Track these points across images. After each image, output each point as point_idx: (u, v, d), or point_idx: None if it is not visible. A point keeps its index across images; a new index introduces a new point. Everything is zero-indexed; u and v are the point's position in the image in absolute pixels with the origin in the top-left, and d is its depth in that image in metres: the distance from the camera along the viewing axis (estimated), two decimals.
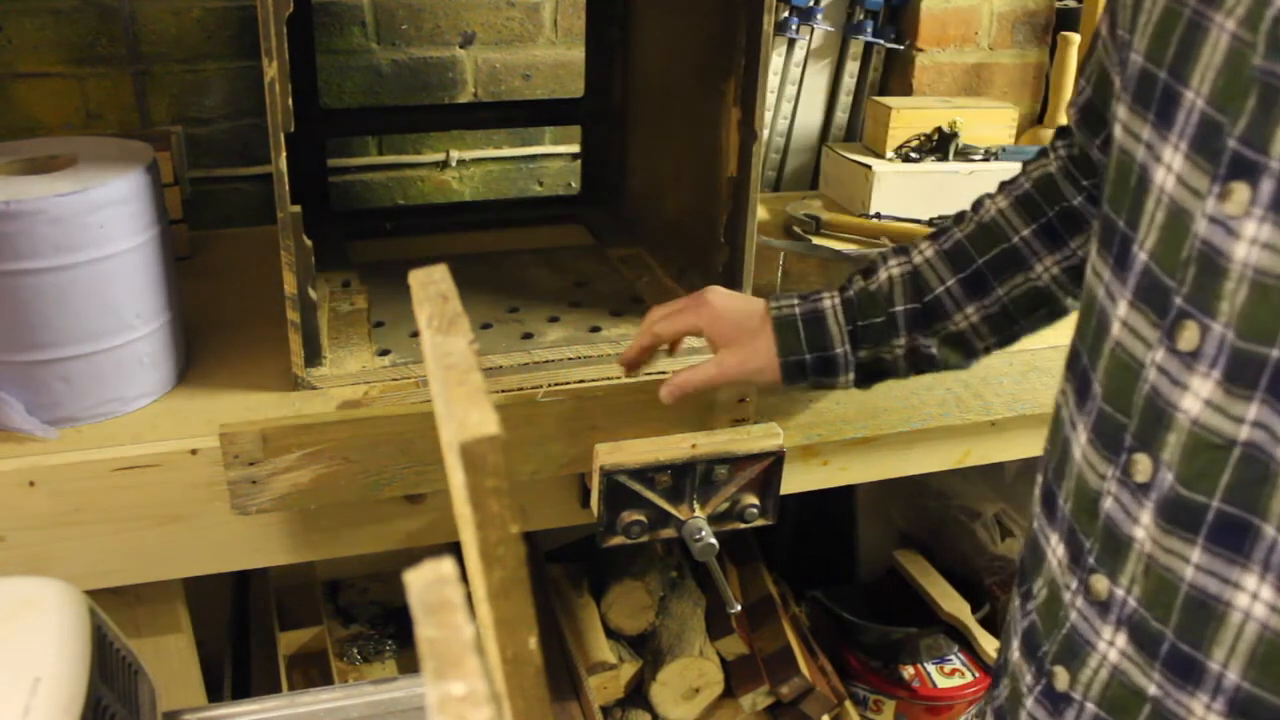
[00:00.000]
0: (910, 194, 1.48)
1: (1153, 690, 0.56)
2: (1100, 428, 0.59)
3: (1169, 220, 0.53)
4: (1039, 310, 0.85)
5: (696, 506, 0.99)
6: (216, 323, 1.14)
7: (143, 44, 1.41)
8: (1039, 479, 0.69)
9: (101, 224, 0.90)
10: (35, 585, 0.67)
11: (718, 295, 0.91)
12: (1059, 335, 1.14)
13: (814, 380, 0.87)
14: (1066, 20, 1.69)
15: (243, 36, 1.44)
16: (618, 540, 1.00)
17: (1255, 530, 0.50)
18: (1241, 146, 0.49)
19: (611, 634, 1.43)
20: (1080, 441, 0.61)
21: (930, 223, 1.44)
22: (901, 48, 1.66)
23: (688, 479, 0.98)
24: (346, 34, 1.50)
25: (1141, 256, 0.56)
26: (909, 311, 0.85)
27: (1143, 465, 0.55)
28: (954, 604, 1.51)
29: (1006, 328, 0.86)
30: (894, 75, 1.71)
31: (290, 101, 0.89)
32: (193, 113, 1.46)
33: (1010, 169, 1.52)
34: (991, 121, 1.49)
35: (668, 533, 1.01)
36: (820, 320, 0.86)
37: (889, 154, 1.49)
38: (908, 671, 1.48)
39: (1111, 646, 0.59)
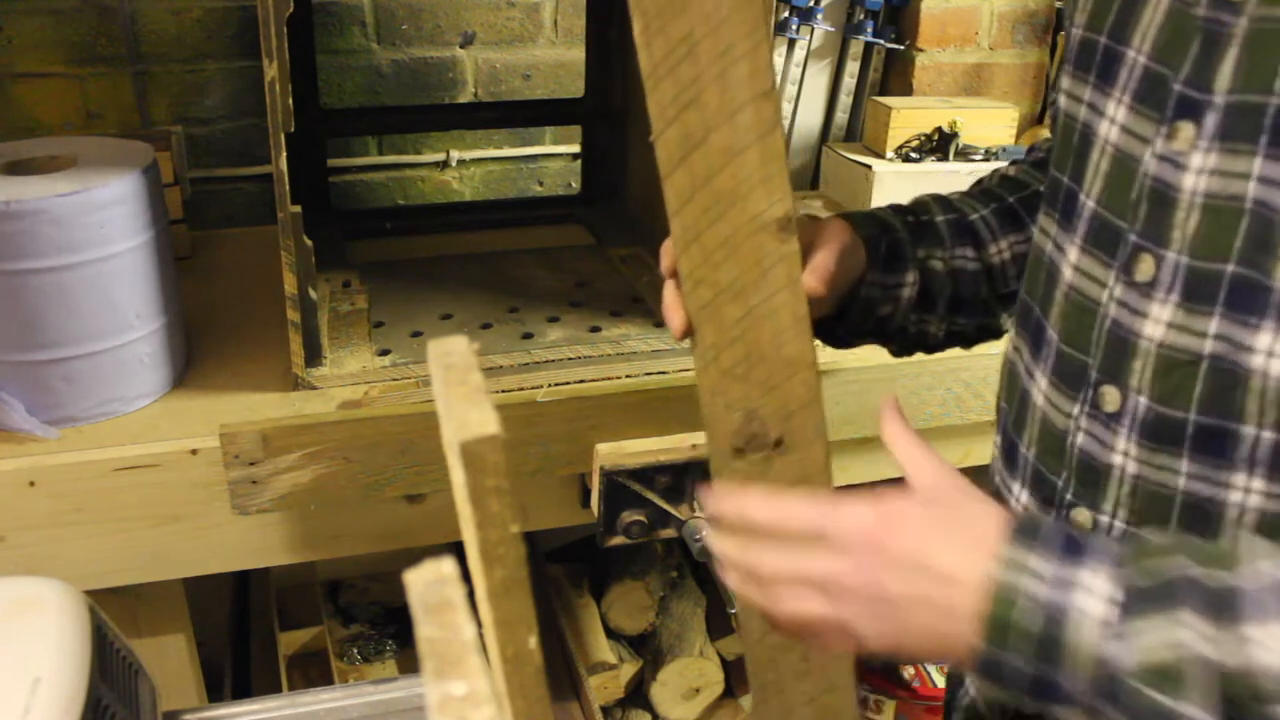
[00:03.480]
0: (910, 194, 1.47)
1: None
2: (1061, 370, 0.62)
3: (1115, 167, 0.58)
4: None
5: (697, 506, 0.99)
6: (216, 323, 1.14)
7: (143, 44, 1.41)
8: (997, 439, 0.71)
9: (101, 224, 0.90)
10: (35, 585, 0.67)
11: None
12: None
13: (878, 277, 0.75)
14: None
15: (243, 36, 1.44)
16: (618, 540, 1.00)
17: (1234, 434, 0.54)
18: (1186, 89, 0.54)
19: (611, 634, 1.43)
20: (1041, 388, 0.64)
21: None
22: (901, 48, 1.66)
23: (688, 479, 0.98)
24: (346, 34, 1.50)
25: (1090, 204, 0.60)
26: (950, 222, 0.78)
27: (1110, 396, 0.58)
28: None
29: None
30: (894, 75, 1.70)
31: (290, 101, 0.89)
32: (193, 113, 1.46)
33: None
34: (991, 121, 1.49)
35: (668, 533, 1.01)
36: (873, 214, 0.78)
37: (889, 154, 1.49)
38: (908, 671, 1.48)
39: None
